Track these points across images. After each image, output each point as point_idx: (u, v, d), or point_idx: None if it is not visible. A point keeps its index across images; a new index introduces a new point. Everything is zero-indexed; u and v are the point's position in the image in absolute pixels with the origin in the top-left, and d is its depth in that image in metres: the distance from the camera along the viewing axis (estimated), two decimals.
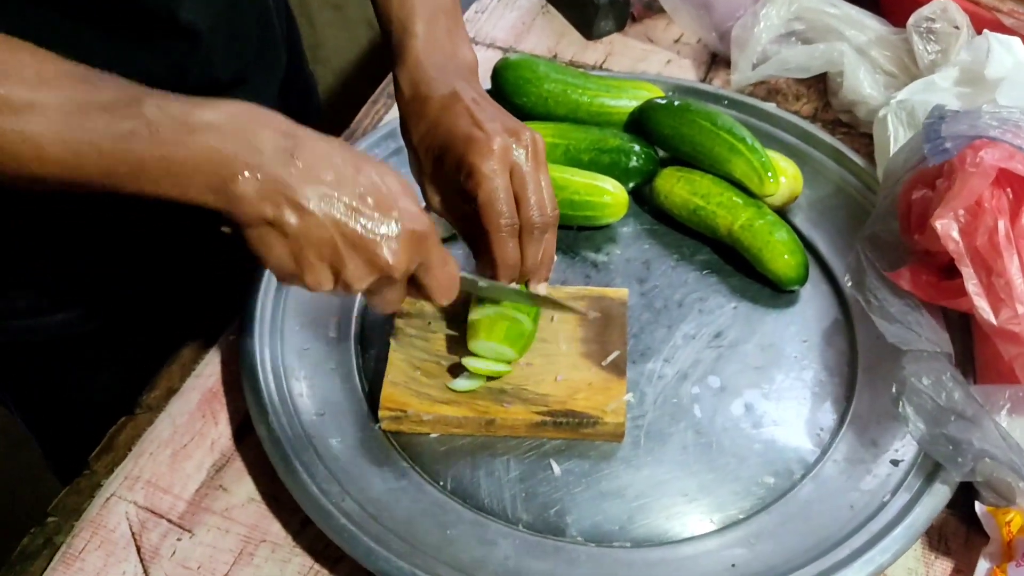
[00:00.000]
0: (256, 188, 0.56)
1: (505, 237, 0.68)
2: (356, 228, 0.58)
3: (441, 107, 0.70)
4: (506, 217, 0.67)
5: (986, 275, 0.69)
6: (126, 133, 0.54)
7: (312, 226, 0.57)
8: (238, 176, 0.56)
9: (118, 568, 0.67)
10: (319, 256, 0.59)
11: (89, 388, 0.90)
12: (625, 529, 0.69)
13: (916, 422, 0.68)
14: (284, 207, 0.57)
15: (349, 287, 0.61)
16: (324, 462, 0.70)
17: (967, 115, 0.69)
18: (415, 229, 0.61)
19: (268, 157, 0.56)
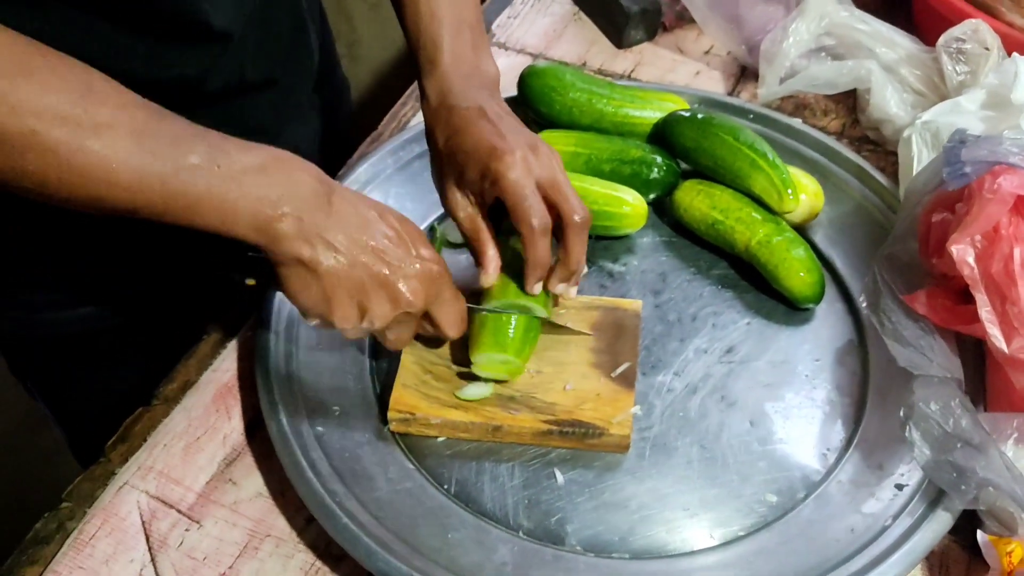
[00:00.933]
0: (296, 228, 0.61)
1: (537, 235, 0.70)
2: (382, 268, 0.64)
3: (466, 118, 0.72)
4: (539, 218, 0.69)
5: (1000, 303, 0.69)
6: (190, 166, 0.58)
7: (344, 266, 0.63)
8: (282, 217, 0.61)
9: (126, 555, 0.69)
10: (348, 294, 0.64)
11: (110, 380, 0.92)
12: (625, 540, 0.70)
13: (922, 447, 0.68)
14: (319, 247, 0.62)
15: (373, 323, 0.66)
16: (331, 461, 0.71)
17: (988, 140, 0.69)
18: (431, 269, 0.67)
19: (307, 201, 0.62)
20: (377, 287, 0.64)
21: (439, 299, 0.68)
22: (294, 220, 0.61)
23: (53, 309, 0.86)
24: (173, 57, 0.74)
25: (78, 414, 0.98)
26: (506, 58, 1.12)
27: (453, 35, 0.76)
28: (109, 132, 0.56)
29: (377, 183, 0.92)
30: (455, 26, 0.77)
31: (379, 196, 0.91)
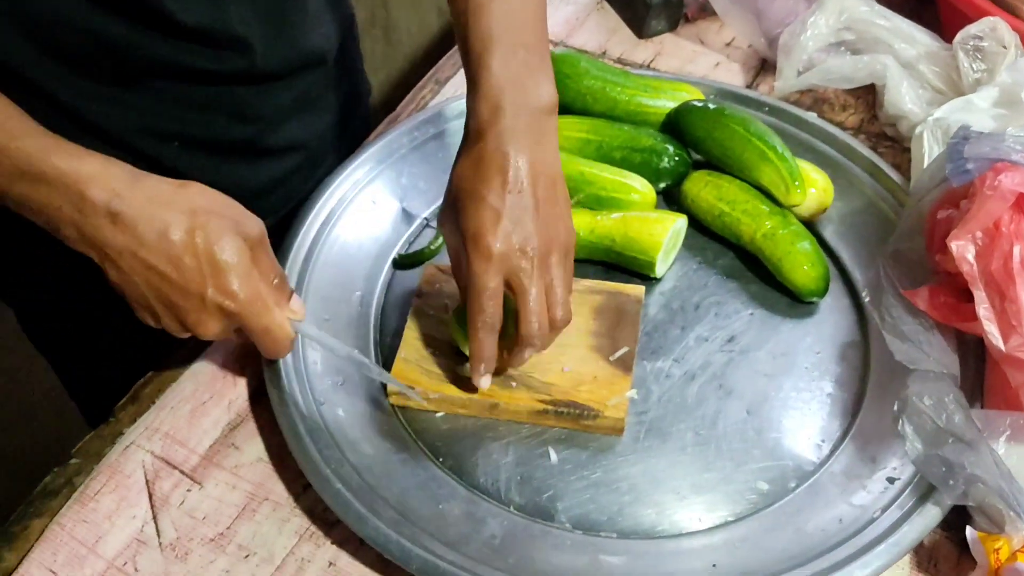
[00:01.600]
0: (78, 240, 0.64)
1: (481, 333, 0.69)
2: (165, 294, 0.65)
3: (488, 167, 0.68)
4: (487, 315, 0.68)
5: (999, 300, 0.69)
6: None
7: (126, 282, 0.65)
8: (62, 225, 0.63)
9: (129, 512, 0.71)
10: (138, 303, 0.66)
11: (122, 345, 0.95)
12: (613, 520, 0.71)
13: (914, 441, 0.68)
14: (103, 259, 0.64)
15: (171, 333, 0.68)
16: (328, 428, 0.73)
17: (990, 138, 0.69)
18: (222, 304, 0.65)
19: (89, 217, 0.63)
20: (163, 307, 0.66)
21: (248, 329, 0.68)
22: (73, 229, 0.63)
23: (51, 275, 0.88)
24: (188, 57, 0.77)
25: (88, 376, 1.01)
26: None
27: (504, 56, 0.70)
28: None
29: (391, 162, 0.93)
30: (508, 46, 0.70)
31: (393, 174, 0.93)
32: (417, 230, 0.91)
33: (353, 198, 0.90)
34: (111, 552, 0.69)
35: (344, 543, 0.69)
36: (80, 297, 0.91)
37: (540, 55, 0.72)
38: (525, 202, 0.68)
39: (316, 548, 0.69)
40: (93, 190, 0.62)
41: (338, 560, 0.69)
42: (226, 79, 0.80)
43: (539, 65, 0.72)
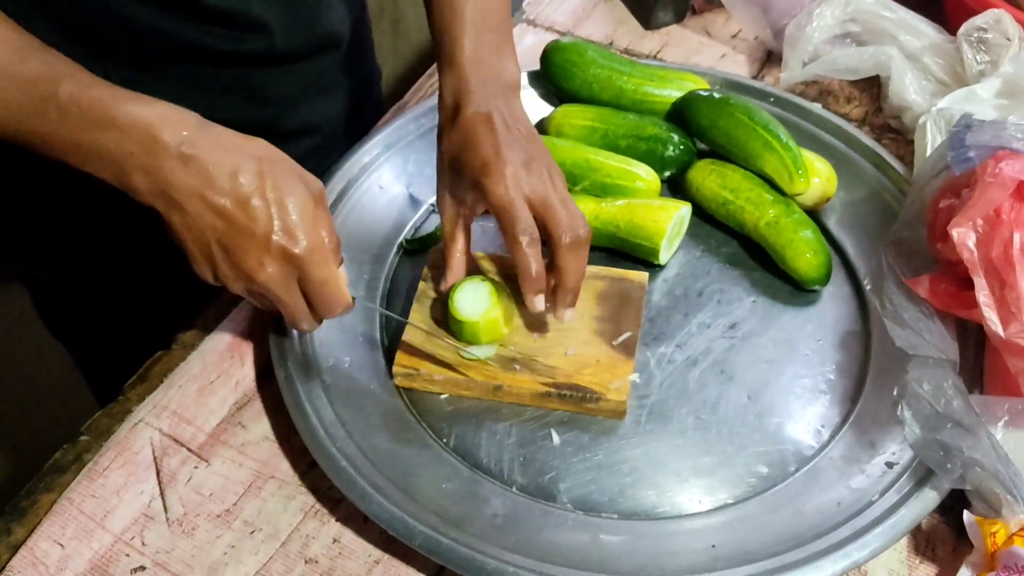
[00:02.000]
0: (147, 185, 0.62)
1: (525, 246, 0.70)
2: (228, 237, 0.63)
3: (471, 126, 0.73)
4: (523, 225, 0.69)
5: (999, 287, 0.69)
6: (39, 111, 0.60)
7: (191, 227, 0.63)
8: (133, 172, 0.62)
9: (137, 487, 0.72)
10: (198, 251, 0.64)
11: (133, 325, 0.96)
12: (614, 501, 0.72)
13: (913, 426, 0.69)
14: (169, 206, 0.63)
15: (227, 287, 0.66)
16: (335, 408, 0.74)
17: (992, 125, 0.69)
18: (286, 247, 0.64)
19: (160, 160, 0.62)
20: (223, 252, 0.64)
21: (303, 279, 0.66)
22: (144, 177, 0.62)
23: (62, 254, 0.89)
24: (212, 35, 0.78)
25: (98, 355, 1.02)
26: (534, 35, 1.14)
27: (475, 36, 0.77)
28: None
29: (398, 148, 0.94)
30: (478, 27, 0.77)
31: (400, 160, 0.94)
32: (424, 215, 0.92)
33: (360, 183, 0.91)
34: (119, 526, 0.70)
35: (348, 520, 0.70)
36: (95, 275, 0.92)
37: (505, 37, 0.79)
38: (516, 136, 0.73)
39: (321, 525, 0.70)
40: (165, 134, 0.62)
41: (342, 537, 0.70)
42: (245, 61, 0.82)
43: (505, 46, 0.79)
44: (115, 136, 0.61)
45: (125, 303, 0.96)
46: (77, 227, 0.90)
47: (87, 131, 0.61)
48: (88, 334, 1.01)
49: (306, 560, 0.68)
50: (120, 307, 0.96)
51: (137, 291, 0.95)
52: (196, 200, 0.62)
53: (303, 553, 0.69)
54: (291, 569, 0.68)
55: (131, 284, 0.94)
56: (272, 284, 0.65)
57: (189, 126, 0.63)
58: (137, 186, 0.62)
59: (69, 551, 0.69)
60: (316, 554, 0.69)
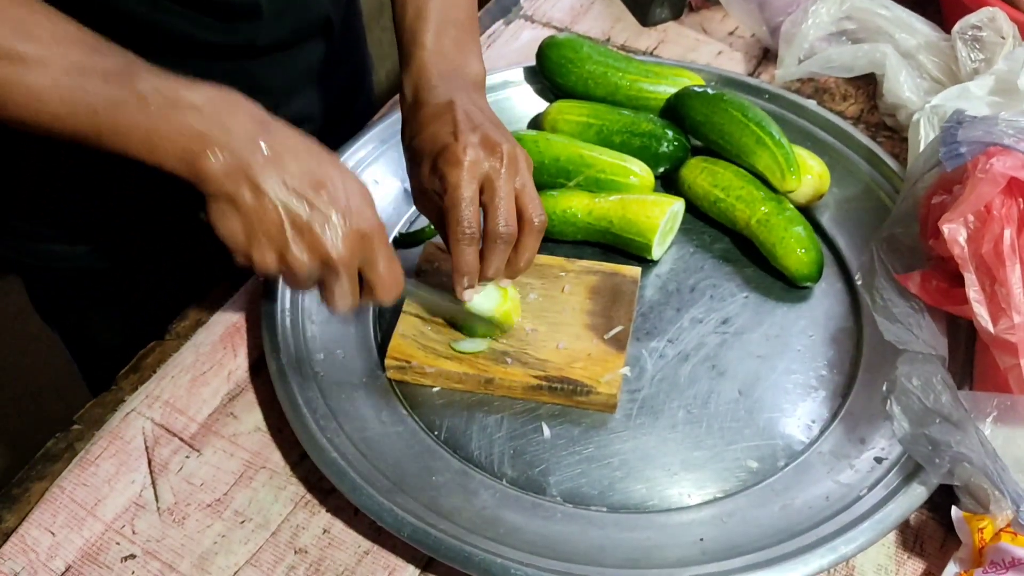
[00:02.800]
0: (221, 166, 0.62)
1: (462, 245, 0.71)
2: (303, 216, 0.63)
3: (433, 114, 0.73)
4: (464, 226, 0.70)
5: (989, 283, 0.69)
6: (118, 101, 0.60)
7: (265, 207, 0.63)
8: (207, 153, 0.61)
9: (128, 476, 0.72)
10: (267, 236, 0.64)
11: (124, 315, 0.96)
12: (604, 495, 0.72)
13: (901, 421, 0.69)
14: (243, 185, 0.62)
15: (291, 270, 0.65)
16: (326, 400, 0.74)
17: (983, 121, 0.69)
18: (360, 227, 0.65)
19: (237, 140, 0.62)
20: (296, 233, 0.64)
21: (368, 260, 0.67)
22: (221, 158, 0.62)
23: (57, 242, 0.89)
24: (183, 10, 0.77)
25: (92, 346, 1.02)
26: (531, 31, 1.14)
27: (435, 33, 0.77)
28: (39, 67, 0.59)
29: (394, 142, 0.94)
30: (439, 23, 0.77)
31: (395, 155, 0.94)
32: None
33: None
34: (110, 515, 0.70)
35: (339, 511, 0.71)
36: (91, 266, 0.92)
37: (470, 33, 0.79)
38: (479, 119, 0.72)
39: (311, 516, 0.71)
40: (241, 116, 0.63)
41: (332, 527, 0.70)
42: (238, 52, 0.82)
43: (469, 42, 0.78)
44: (194, 118, 0.61)
45: (120, 294, 0.96)
46: (74, 219, 0.90)
47: (166, 116, 0.61)
48: (82, 325, 1.01)
49: (296, 550, 0.69)
50: (115, 298, 0.97)
51: (132, 282, 0.95)
52: (275, 181, 0.63)
53: (293, 543, 0.69)
54: (281, 559, 0.68)
55: (127, 275, 0.94)
56: (343, 263, 0.65)
57: (260, 112, 0.64)
58: (210, 168, 0.62)
59: (60, 539, 0.69)
60: (306, 544, 0.69)
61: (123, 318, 0.95)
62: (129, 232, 0.91)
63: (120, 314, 0.96)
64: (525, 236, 0.72)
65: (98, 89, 0.60)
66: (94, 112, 0.60)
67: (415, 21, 0.77)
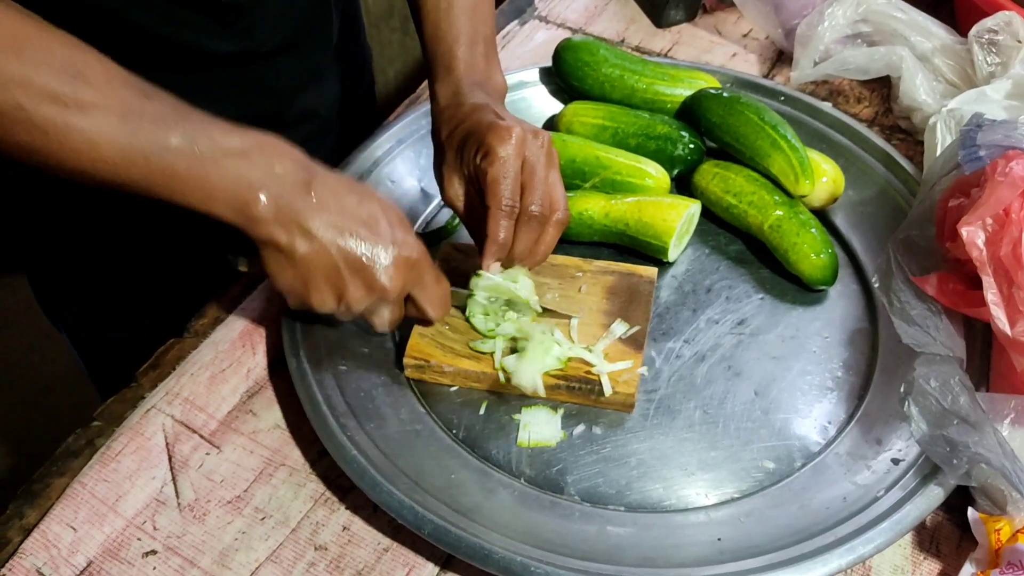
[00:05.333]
0: (273, 213, 0.63)
1: (501, 215, 0.72)
2: (357, 255, 0.66)
3: (472, 109, 0.76)
4: (507, 198, 0.72)
5: (1007, 286, 0.70)
6: (172, 147, 0.60)
7: (319, 252, 0.65)
8: (259, 200, 0.62)
9: (149, 473, 0.73)
10: (325, 279, 0.66)
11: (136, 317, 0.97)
12: (621, 494, 0.72)
13: (919, 422, 0.69)
14: (296, 233, 0.64)
15: (350, 307, 0.68)
16: (346, 398, 0.75)
17: (1003, 125, 0.70)
18: (409, 256, 0.68)
19: (287, 187, 0.63)
20: (352, 273, 0.66)
21: (419, 283, 0.70)
22: (272, 205, 0.62)
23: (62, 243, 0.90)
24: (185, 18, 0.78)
25: (98, 344, 1.02)
26: (546, 31, 1.15)
27: (469, 46, 0.80)
28: (95, 111, 0.58)
29: (410, 142, 0.95)
30: (471, 38, 0.80)
31: (412, 154, 0.94)
32: (435, 209, 0.92)
33: (372, 178, 0.92)
34: (131, 511, 0.71)
35: (358, 508, 0.71)
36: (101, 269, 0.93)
37: (493, 49, 0.83)
38: (515, 118, 0.75)
39: (331, 513, 0.71)
40: (286, 161, 0.64)
41: (352, 525, 0.70)
42: (245, 59, 0.82)
43: (493, 56, 0.83)
44: (244, 165, 0.62)
45: (129, 298, 0.97)
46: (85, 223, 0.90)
47: (217, 163, 0.61)
48: (88, 324, 1.01)
49: (316, 547, 0.69)
50: (123, 302, 0.97)
51: (140, 286, 0.96)
52: (325, 225, 0.64)
53: (313, 540, 0.69)
54: (301, 556, 0.69)
55: (135, 279, 0.95)
56: (400, 294, 0.69)
57: (300, 155, 0.65)
58: (261, 215, 0.63)
59: (81, 534, 0.69)
60: (326, 541, 0.69)
61: (128, 316, 0.96)
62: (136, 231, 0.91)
63: (125, 312, 0.97)
64: (549, 226, 0.75)
65: (151, 134, 0.60)
66: (146, 158, 0.60)
67: (448, 36, 0.80)
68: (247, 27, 0.81)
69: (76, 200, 0.87)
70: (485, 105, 0.76)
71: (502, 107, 0.79)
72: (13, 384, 1.86)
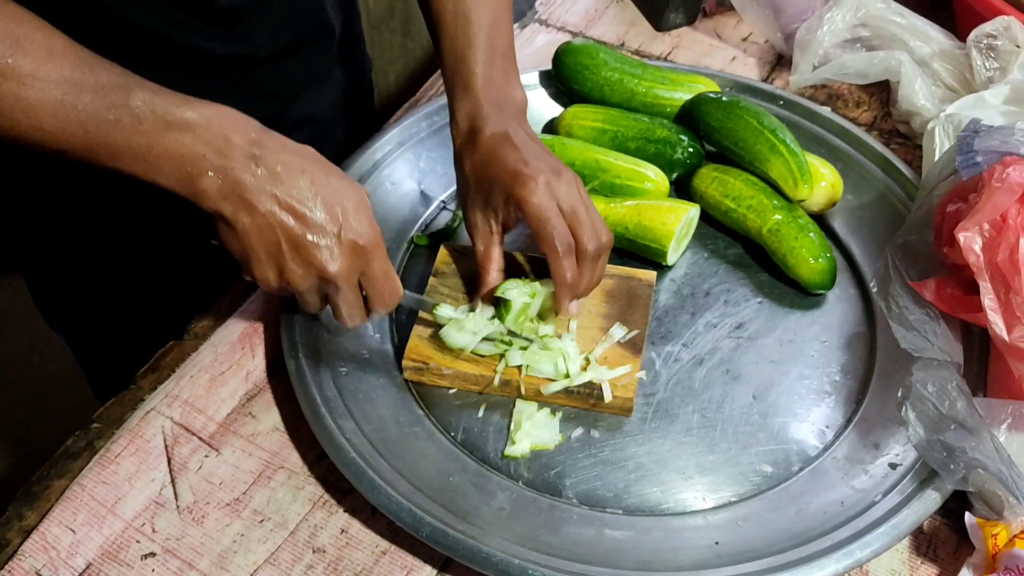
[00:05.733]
0: (217, 187, 0.63)
1: (563, 258, 0.73)
2: (299, 232, 0.65)
3: (493, 144, 0.76)
4: (561, 241, 0.72)
5: (1004, 291, 0.70)
6: (111, 119, 0.61)
7: (261, 226, 0.64)
8: (204, 174, 0.62)
9: (148, 475, 0.73)
10: (266, 253, 0.65)
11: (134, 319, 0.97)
12: (619, 497, 0.72)
13: (916, 427, 0.69)
14: (239, 207, 0.64)
15: (291, 283, 0.67)
16: (344, 401, 0.75)
17: (1000, 131, 0.70)
18: (356, 241, 0.66)
19: (232, 161, 0.63)
20: (292, 250, 0.65)
21: (366, 272, 0.68)
22: (215, 178, 0.62)
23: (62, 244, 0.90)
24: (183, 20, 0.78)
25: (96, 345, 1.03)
26: (546, 35, 1.15)
27: (487, 62, 0.80)
28: (33, 82, 0.59)
29: (410, 144, 0.95)
30: (489, 54, 0.80)
31: (412, 156, 0.95)
32: (434, 212, 0.93)
33: (372, 180, 0.92)
34: (130, 513, 0.71)
35: (356, 511, 0.71)
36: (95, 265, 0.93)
37: (512, 63, 0.83)
38: (537, 151, 0.75)
39: (329, 515, 0.71)
40: (235, 135, 0.63)
41: (350, 527, 0.71)
42: (245, 61, 0.83)
43: (512, 70, 0.82)
44: (188, 138, 0.62)
45: (124, 298, 0.97)
46: (78, 222, 0.90)
47: (160, 135, 0.61)
48: (87, 329, 1.02)
49: (314, 549, 0.69)
50: (121, 302, 0.97)
51: (137, 285, 0.96)
52: (269, 199, 0.64)
53: (311, 543, 0.70)
54: (299, 558, 0.69)
55: (132, 278, 0.95)
56: (342, 277, 0.67)
57: (255, 128, 0.65)
58: (206, 189, 0.63)
59: (80, 536, 0.69)
60: (324, 544, 0.70)
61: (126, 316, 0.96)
62: (133, 233, 0.91)
63: (123, 312, 0.97)
64: (603, 255, 0.75)
65: (90, 106, 0.60)
66: (85, 129, 0.60)
67: (466, 49, 0.79)
68: (246, 31, 0.81)
69: (72, 195, 0.87)
70: (504, 136, 0.75)
71: (522, 128, 0.78)
72: (12, 385, 1.86)
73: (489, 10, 0.81)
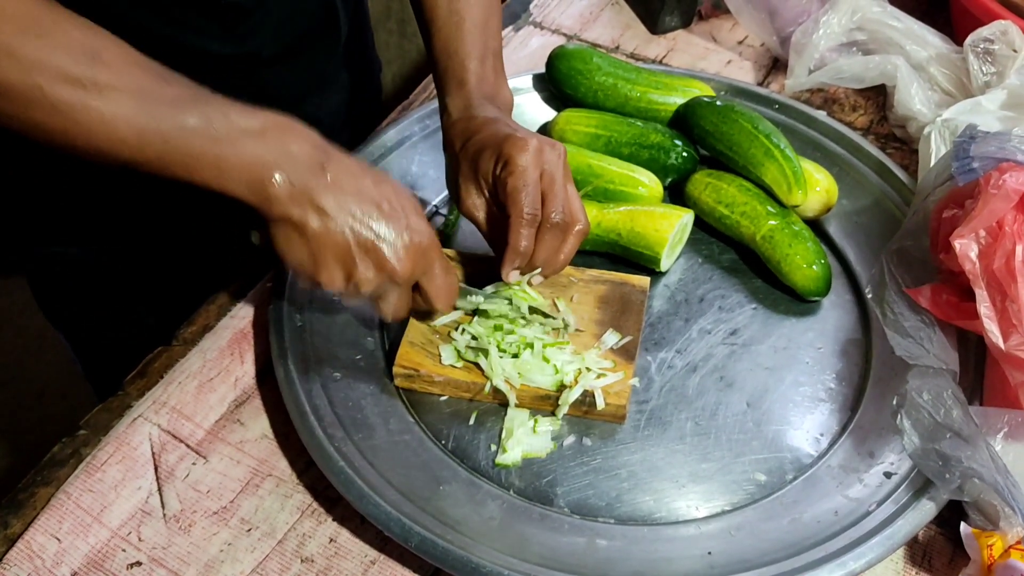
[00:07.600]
0: (287, 191, 0.64)
1: (523, 224, 0.73)
2: (369, 235, 0.66)
3: (484, 122, 0.77)
4: (528, 207, 0.73)
5: (1000, 299, 0.69)
6: (187, 127, 0.61)
7: (331, 230, 0.65)
8: (274, 179, 0.63)
9: (135, 483, 0.72)
10: (335, 257, 0.66)
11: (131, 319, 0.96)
12: (611, 506, 0.71)
13: (911, 435, 0.68)
14: (309, 210, 0.64)
15: (358, 287, 0.67)
16: (334, 408, 0.74)
17: (996, 137, 0.69)
18: (420, 241, 0.68)
19: (302, 166, 0.64)
20: (362, 252, 0.66)
21: (427, 271, 0.70)
22: (286, 183, 0.63)
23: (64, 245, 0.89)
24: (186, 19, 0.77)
25: (97, 346, 1.02)
26: (540, 37, 1.14)
27: (480, 61, 0.81)
28: (111, 92, 0.59)
29: (403, 149, 0.94)
30: (482, 53, 0.81)
31: (404, 161, 0.94)
32: (428, 214, 0.92)
33: None
34: (116, 521, 0.70)
35: (345, 520, 0.70)
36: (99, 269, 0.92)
37: (501, 61, 0.84)
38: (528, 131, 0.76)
39: (317, 524, 0.70)
40: (301, 142, 0.65)
41: (339, 537, 0.70)
42: (249, 61, 0.82)
43: (502, 71, 0.84)
44: (260, 146, 0.63)
45: (127, 298, 0.96)
46: (82, 222, 0.90)
47: (235, 144, 0.62)
48: (89, 329, 1.01)
49: (302, 559, 0.68)
50: (122, 302, 0.97)
51: (139, 287, 0.95)
52: (339, 204, 0.65)
53: (299, 552, 0.69)
54: (287, 568, 0.68)
55: (134, 279, 0.94)
56: (409, 278, 0.69)
57: (316, 136, 0.66)
58: (276, 194, 0.63)
59: (65, 545, 0.69)
60: (312, 553, 0.69)
61: (130, 323, 0.95)
62: (136, 234, 0.91)
63: (127, 319, 0.96)
64: (570, 235, 0.75)
65: (167, 116, 0.61)
66: (164, 139, 0.61)
67: (459, 47, 0.81)
68: (249, 30, 0.80)
69: (77, 194, 0.86)
70: (497, 118, 0.77)
71: (512, 120, 0.79)
72: (8, 386, 1.86)
73: (481, 10, 0.82)
